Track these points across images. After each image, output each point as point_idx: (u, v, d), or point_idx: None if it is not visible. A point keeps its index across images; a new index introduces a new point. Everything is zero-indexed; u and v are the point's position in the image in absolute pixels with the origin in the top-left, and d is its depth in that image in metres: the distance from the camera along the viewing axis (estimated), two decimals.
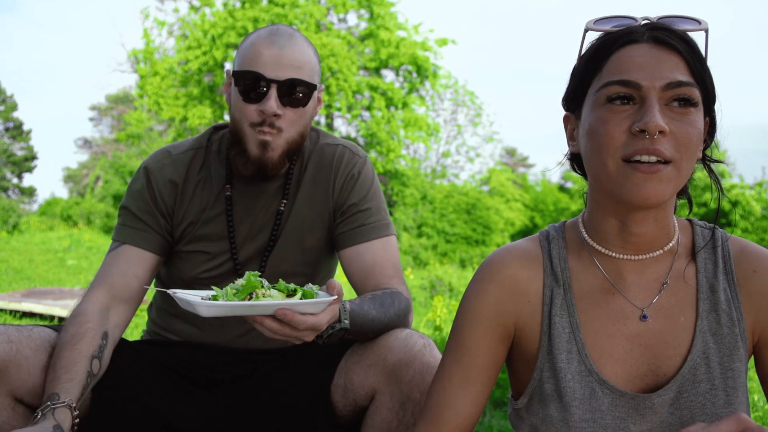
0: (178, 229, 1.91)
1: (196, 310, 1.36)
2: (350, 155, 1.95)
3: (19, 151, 39.18)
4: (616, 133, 1.19)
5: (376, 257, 1.86)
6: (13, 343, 1.62)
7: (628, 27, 1.24)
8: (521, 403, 1.35)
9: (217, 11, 21.17)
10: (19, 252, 13.42)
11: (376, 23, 21.82)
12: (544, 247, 1.37)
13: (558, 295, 1.32)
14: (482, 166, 30.02)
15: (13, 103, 39.15)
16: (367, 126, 21.54)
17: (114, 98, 37.20)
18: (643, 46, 1.21)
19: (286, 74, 1.76)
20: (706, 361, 1.25)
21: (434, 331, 7.01)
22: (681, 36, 1.22)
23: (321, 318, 1.42)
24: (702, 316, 1.27)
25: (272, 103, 1.75)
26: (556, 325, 1.30)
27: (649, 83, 1.18)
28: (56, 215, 22.36)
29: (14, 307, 6.40)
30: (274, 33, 1.80)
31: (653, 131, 1.15)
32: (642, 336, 1.28)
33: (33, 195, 39.62)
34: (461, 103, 26.23)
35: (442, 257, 20.85)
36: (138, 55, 23.57)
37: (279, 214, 1.91)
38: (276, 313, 1.37)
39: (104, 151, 35.39)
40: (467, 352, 1.34)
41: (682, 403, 1.24)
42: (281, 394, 1.80)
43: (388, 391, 1.62)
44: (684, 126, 1.18)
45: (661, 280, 1.30)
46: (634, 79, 1.19)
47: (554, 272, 1.34)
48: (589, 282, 1.32)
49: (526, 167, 40.35)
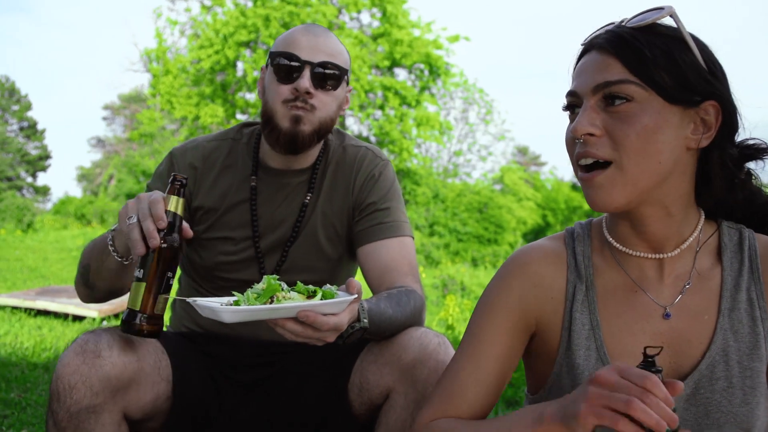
0: (198, 213, 1.94)
1: (219, 316, 1.35)
2: (372, 156, 2.01)
3: (33, 151, 39.43)
4: (569, 142, 1.27)
5: (393, 255, 1.86)
6: (140, 361, 1.62)
7: (594, 35, 1.29)
8: (539, 397, 1.36)
9: (228, 10, 21.22)
10: (34, 250, 13.51)
11: (389, 21, 21.81)
12: (568, 245, 1.38)
13: (580, 292, 1.32)
14: (494, 165, 30.01)
15: (27, 103, 39.41)
16: (379, 125, 21.55)
17: (127, 97, 37.40)
18: (591, 54, 1.26)
19: (320, 57, 1.84)
20: (725, 359, 1.25)
21: (446, 329, 7.00)
22: (618, 33, 1.23)
23: (342, 318, 1.42)
24: (724, 314, 1.27)
25: (305, 81, 1.82)
26: (576, 322, 1.31)
27: (582, 89, 1.24)
28: (70, 214, 22.48)
29: (29, 305, 6.45)
30: (311, 25, 1.91)
31: (578, 135, 1.21)
32: (664, 334, 1.28)
33: (47, 194, 39.87)
34: (472, 101, 26.18)
35: (454, 256, 20.82)
36: (150, 54, 23.66)
37: (304, 206, 1.94)
38: (298, 315, 1.36)
39: (117, 150, 35.59)
40: (484, 345, 1.34)
41: (698, 400, 1.24)
42: (298, 392, 1.81)
43: (402, 389, 1.63)
44: (619, 124, 1.19)
45: (683, 278, 1.30)
46: (573, 88, 1.26)
47: (578, 269, 1.34)
48: (612, 280, 1.33)
49: (538, 165, 40.26)
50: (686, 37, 1.22)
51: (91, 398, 1.53)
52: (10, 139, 37.79)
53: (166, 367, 1.70)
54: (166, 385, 1.69)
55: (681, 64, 1.20)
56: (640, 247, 1.30)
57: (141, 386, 1.62)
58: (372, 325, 1.56)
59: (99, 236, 1.73)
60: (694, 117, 1.22)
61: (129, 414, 1.62)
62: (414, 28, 22.11)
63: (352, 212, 1.95)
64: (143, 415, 1.65)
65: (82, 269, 1.76)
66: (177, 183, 1.49)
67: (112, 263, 1.64)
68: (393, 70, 22.66)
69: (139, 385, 1.62)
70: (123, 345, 1.60)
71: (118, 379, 1.56)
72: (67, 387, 1.52)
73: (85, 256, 1.75)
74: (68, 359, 1.54)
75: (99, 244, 1.70)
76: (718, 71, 1.24)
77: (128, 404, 1.60)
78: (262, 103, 1.92)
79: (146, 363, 1.64)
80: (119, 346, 1.59)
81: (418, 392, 1.61)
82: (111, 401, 1.56)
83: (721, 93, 1.23)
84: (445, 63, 22.26)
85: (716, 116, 1.23)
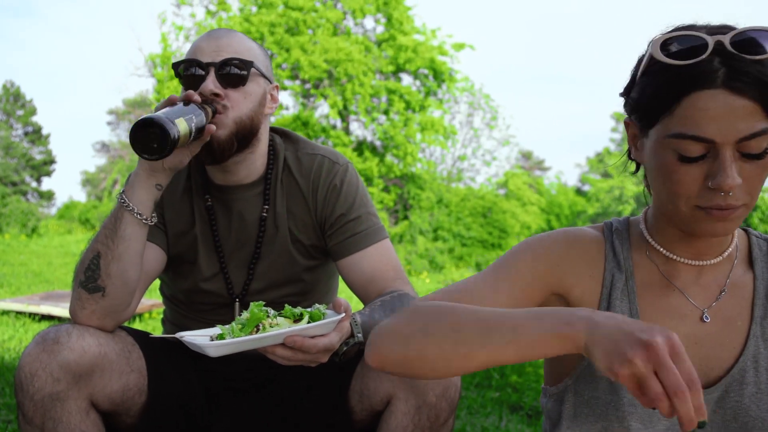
0: (170, 238, 1.90)
1: (205, 351, 1.36)
2: (330, 164, 1.91)
3: (38, 155, 39.50)
4: (689, 185, 1.16)
5: (375, 264, 1.84)
6: (102, 347, 1.62)
7: (700, 64, 1.12)
8: (564, 386, 1.34)
9: (233, 15, 21.27)
10: (38, 255, 13.52)
11: (394, 27, 21.83)
12: (607, 237, 1.36)
13: (619, 281, 1.32)
14: (498, 170, 29.92)
15: (32, 108, 39.50)
16: (383, 129, 21.55)
17: (131, 102, 37.44)
18: (718, 94, 1.10)
19: (222, 56, 1.77)
20: (755, 366, 1.27)
21: None
22: (756, 75, 1.10)
23: (332, 338, 1.42)
24: (756, 321, 1.29)
25: (209, 83, 1.74)
26: (616, 308, 1.30)
27: (723, 139, 1.11)
28: (74, 219, 22.52)
29: (33, 309, 6.45)
30: (214, 30, 1.85)
31: (728, 191, 1.13)
32: (699, 336, 1.29)
33: (51, 199, 39.94)
34: (477, 106, 26.18)
35: (458, 261, 20.79)
36: (155, 59, 23.71)
37: (263, 220, 1.88)
38: (285, 341, 1.37)
39: (122, 154, 35.62)
40: (509, 272, 1.30)
41: (727, 403, 1.26)
42: (299, 399, 1.81)
43: (403, 395, 1.62)
44: (757, 171, 1.15)
45: (719, 283, 1.31)
46: (708, 136, 1.12)
47: (617, 259, 1.33)
48: (651, 277, 1.32)
49: (542, 170, 40.21)
50: None
51: (53, 385, 1.54)
52: (15, 143, 37.86)
53: (137, 359, 1.69)
54: (137, 377, 1.68)
55: None
56: (684, 254, 1.30)
57: (106, 373, 1.61)
58: (367, 337, 1.54)
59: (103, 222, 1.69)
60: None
61: (97, 403, 1.62)
62: (419, 35, 22.13)
63: (321, 227, 1.90)
64: (113, 404, 1.64)
65: (87, 271, 1.65)
66: None
67: (130, 228, 1.62)
68: (398, 75, 22.67)
69: (103, 371, 1.61)
70: (82, 331, 1.60)
71: (78, 363, 1.56)
72: (29, 375, 1.54)
73: (88, 252, 1.67)
74: (29, 350, 1.56)
75: (107, 221, 1.66)
76: None
77: (94, 391, 1.60)
78: None
79: (110, 349, 1.63)
80: (78, 333, 1.59)
81: (418, 398, 1.61)
82: (75, 387, 1.56)
83: None
84: (449, 69, 22.26)
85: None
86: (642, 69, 1.21)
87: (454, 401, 1.64)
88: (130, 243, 1.64)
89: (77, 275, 1.68)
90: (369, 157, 21.33)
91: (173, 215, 1.90)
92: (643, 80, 1.21)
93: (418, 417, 1.61)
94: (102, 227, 1.67)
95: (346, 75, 20.26)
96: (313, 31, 20.97)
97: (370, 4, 21.71)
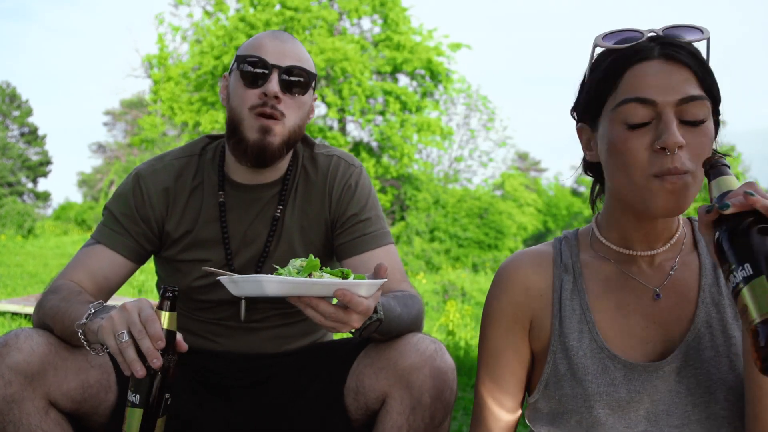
0: (172, 237, 1.88)
1: (264, 287, 1.32)
2: (346, 165, 1.93)
3: (34, 156, 39.44)
4: (638, 152, 1.25)
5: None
6: (52, 345, 1.61)
7: (638, 43, 1.28)
8: (537, 392, 1.41)
9: (231, 16, 21.26)
10: (34, 256, 13.51)
11: (390, 28, 21.85)
12: (556, 247, 1.47)
13: (568, 282, 1.41)
14: (495, 171, 30.01)
15: (28, 109, 39.44)
16: (380, 130, 21.56)
17: (128, 103, 37.40)
18: (655, 63, 1.26)
19: (287, 62, 1.78)
20: (710, 330, 1.33)
21: (447, 335, 6.99)
22: (688, 50, 1.27)
23: (371, 302, 1.39)
24: (704, 289, 1.36)
25: (274, 85, 1.75)
26: (566, 308, 1.39)
27: (663, 99, 1.23)
28: (70, 219, 22.52)
29: (29, 311, 6.44)
30: (277, 31, 1.87)
31: (673, 148, 1.21)
32: (654, 313, 1.36)
33: (48, 199, 39.88)
34: (474, 107, 26.21)
35: (454, 262, 20.83)
36: (152, 60, 23.69)
37: (275, 220, 1.88)
38: (336, 293, 1.34)
39: (118, 155, 35.58)
40: (494, 355, 1.45)
41: (688, 371, 1.32)
42: (295, 398, 1.81)
43: (398, 395, 1.62)
44: (698, 137, 1.24)
45: (670, 263, 1.38)
46: (650, 96, 1.24)
47: (564, 264, 1.43)
48: (602, 270, 1.41)
49: (539, 171, 40.24)
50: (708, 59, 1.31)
51: (5, 387, 1.54)
52: (11, 144, 37.79)
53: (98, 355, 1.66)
54: (98, 373, 1.67)
55: (715, 79, 1.29)
56: (638, 247, 1.38)
57: (60, 371, 1.60)
58: (384, 319, 1.54)
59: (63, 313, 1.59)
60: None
61: (56, 401, 1.61)
62: (415, 35, 22.15)
63: (332, 225, 1.90)
64: (75, 403, 1.63)
65: (39, 321, 1.66)
66: (168, 295, 1.41)
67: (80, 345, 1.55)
68: (395, 76, 22.68)
69: (57, 369, 1.60)
70: (31, 332, 1.60)
71: (27, 363, 1.55)
72: None
73: (45, 317, 1.64)
74: None
75: (67, 326, 1.57)
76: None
77: (50, 390, 1.59)
78: (227, 111, 1.85)
79: (62, 347, 1.62)
80: (26, 334, 1.59)
81: (414, 398, 1.61)
82: (29, 388, 1.56)
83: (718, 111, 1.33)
84: (446, 69, 22.29)
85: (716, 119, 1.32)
86: (587, 71, 1.36)
87: (449, 403, 1.64)
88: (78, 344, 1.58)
89: (38, 311, 1.68)
90: (366, 158, 21.35)
91: (178, 217, 1.89)
92: (589, 78, 1.35)
93: (413, 417, 1.61)
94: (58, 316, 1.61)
95: (342, 74, 20.26)
96: (309, 32, 20.97)
97: (366, 4, 21.73)
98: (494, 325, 1.45)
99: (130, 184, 1.89)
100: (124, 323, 1.38)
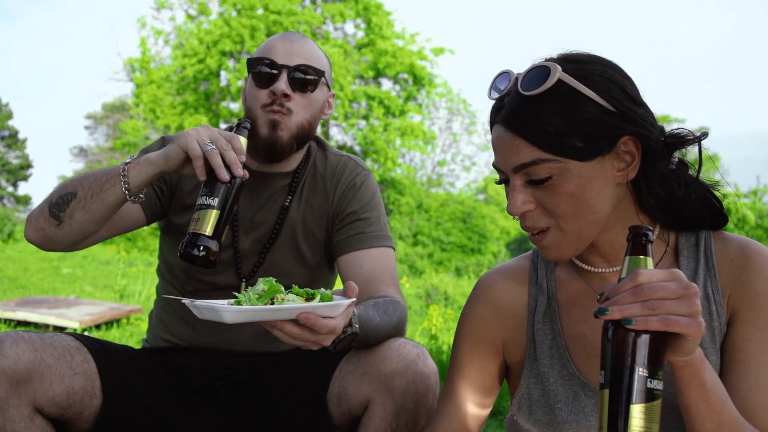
0: (183, 202, 1.93)
1: (221, 316, 1.32)
2: (354, 165, 2.01)
3: (14, 160, 39.10)
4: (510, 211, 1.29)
5: (374, 265, 1.87)
6: (37, 352, 1.61)
7: (499, 100, 1.27)
8: (514, 408, 1.41)
9: (213, 20, 21.19)
10: (14, 260, 13.38)
11: (374, 32, 21.87)
12: (533, 261, 1.45)
13: (541, 304, 1.40)
14: (478, 175, 30.05)
15: (8, 112, 39.11)
16: (363, 134, 21.57)
17: (110, 107, 37.19)
18: (498, 128, 1.27)
19: (296, 61, 1.87)
20: None
21: (430, 340, 6.99)
22: (524, 115, 1.21)
23: (339, 321, 1.40)
24: None
25: (282, 84, 1.84)
26: (539, 332, 1.38)
27: (504, 167, 1.27)
28: None
29: (9, 316, 6.38)
30: (288, 32, 1.95)
31: (513, 215, 1.26)
32: None
33: (28, 203, 39.49)
34: (456, 111, 26.27)
35: (437, 266, 20.83)
36: (134, 63, 23.58)
37: (284, 209, 1.94)
38: (299, 317, 1.35)
39: (100, 159, 35.33)
40: (459, 367, 1.46)
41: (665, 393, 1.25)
42: (278, 403, 1.81)
43: (381, 400, 1.63)
44: (547, 196, 1.23)
45: None
46: (496, 164, 1.29)
47: (539, 282, 1.42)
48: (575, 290, 1.38)
49: None
50: (581, 89, 1.19)
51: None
52: None
53: (82, 362, 1.68)
54: (83, 380, 1.67)
55: (584, 123, 1.19)
56: (601, 264, 1.36)
57: (45, 378, 1.61)
58: (361, 331, 1.55)
59: (97, 169, 1.69)
60: (614, 158, 1.24)
61: (41, 408, 1.61)
62: (398, 39, 22.18)
63: (332, 220, 1.95)
64: (59, 409, 1.64)
65: (60, 198, 1.68)
66: (245, 125, 1.68)
67: (112, 197, 1.63)
68: (377, 80, 22.71)
69: (42, 376, 1.61)
70: (16, 338, 1.60)
71: (13, 369, 1.56)
72: None
73: (72, 184, 1.68)
74: None
75: (100, 175, 1.66)
76: (624, 101, 1.22)
77: (35, 397, 1.60)
78: (245, 110, 1.94)
79: (47, 354, 1.63)
80: (11, 340, 1.59)
81: (396, 403, 1.61)
82: (14, 394, 1.56)
83: (634, 123, 1.22)
84: (429, 74, 22.33)
85: (636, 146, 1.24)
86: None
87: (432, 407, 1.65)
88: (104, 206, 1.65)
89: (53, 194, 1.71)
90: None
91: (192, 186, 1.94)
92: None
93: (396, 422, 1.62)
94: (95, 175, 1.67)
95: None
96: None
97: (350, 8, 21.74)
98: (463, 338, 1.46)
99: (156, 143, 1.95)
100: (210, 137, 1.56)
